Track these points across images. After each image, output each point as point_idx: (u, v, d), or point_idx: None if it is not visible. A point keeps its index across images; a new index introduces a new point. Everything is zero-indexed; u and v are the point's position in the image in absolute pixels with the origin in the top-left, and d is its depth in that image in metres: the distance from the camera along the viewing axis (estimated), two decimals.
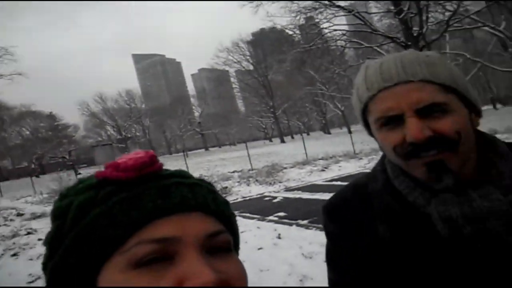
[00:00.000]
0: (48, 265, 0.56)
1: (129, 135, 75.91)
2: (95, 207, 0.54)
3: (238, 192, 12.91)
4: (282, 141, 62.51)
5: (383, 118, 0.85)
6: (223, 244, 0.56)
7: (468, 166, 0.87)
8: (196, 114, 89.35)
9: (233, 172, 19.23)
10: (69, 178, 18.52)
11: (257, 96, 70.94)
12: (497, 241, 0.80)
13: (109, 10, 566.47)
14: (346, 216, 1.00)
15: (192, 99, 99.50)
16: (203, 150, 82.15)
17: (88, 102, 77.83)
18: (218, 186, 12.98)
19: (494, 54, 51.93)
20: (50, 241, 0.56)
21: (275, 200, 10.45)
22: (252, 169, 18.72)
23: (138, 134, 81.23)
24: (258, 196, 11.73)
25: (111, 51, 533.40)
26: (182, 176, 0.61)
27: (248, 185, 14.17)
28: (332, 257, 1.04)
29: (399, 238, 0.88)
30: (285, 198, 10.43)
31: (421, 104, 0.80)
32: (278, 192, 11.87)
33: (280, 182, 13.65)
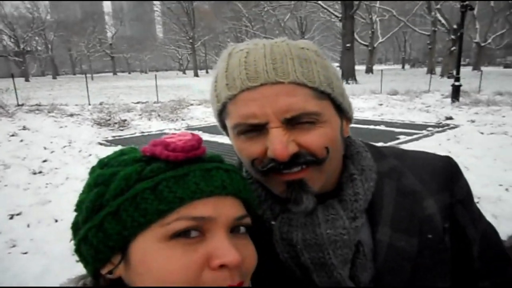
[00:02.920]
0: (84, 225, 0.61)
1: (29, 49, 67.87)
2: (141, 180, 0.59)
3: (137, 126, 12.18)
4: (196, 75, 61.06)
5: (243, 125, 0.72)
6: (245, 226, 0.65)
7: (330, 179, 0.80)
8: (109, 34, 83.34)
9: (137, 103, 18.15)
10: None
11: (178, 24, 67.24)
12: (331, 274, 0.76)
13: None
14: None
15: (106, 17, 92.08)
16: (111, 74, 77.65)
17: None
18: (116, 118, 12.12)
19: (418, 15, 55.27)
20: (89, 205, 0.60)
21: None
22: (158, 102, 17.82)
23: (39, 48, 73.22)
24: (157, 132, 11.18)
25: None
26: (220, 160, 0.67)
27: (149, 119, 13.44)
28: None
29: None
30: None
31: (290, 114, 0.69)
32: (178, 130, 11.38)
33: (183, 120, 13.17)
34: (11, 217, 5.02)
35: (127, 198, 0.58)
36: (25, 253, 4.11)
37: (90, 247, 0.61)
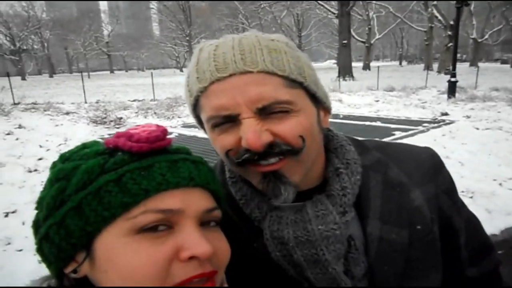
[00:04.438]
0: (44, 223, 0.58)
1: (25, 47, 67.63)
2: (104, 173, 0.57)
3: (133, 124, 12.09)
4: None
5: (216, 118, 0.71)
6: (215, 219, 0.63)
7: (313, 173, 0.79)
8: (105, 32, 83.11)
9: (134, 101, 18.11)
10: None
11: (174, 21, 66.99)
12: (326, 270, 0.76)
13: None
14: None
15: (102, 15, 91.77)
16: (108, 72, 77.58)
17: None
18: (112, 117, 12.10)
19: (414, 12, 55.39)
20: (50, 201, 0.58)
21: (169, 136, 9.95)
22: (154, 100, 17.78)
23: (35, 47, 73.01)
24: None
25: None
26: (187, 152, 0.66)
27: (145, 117, 13.41)
28: None
29: (234, 258, 0.70)
30: (180, 135, 10.01)
31: (261, 103, 0.68)
32: (175, 127, 11.38)
33: (179, 117, 13.13)
34: (6, 215, 5.02)
35: (89, 191, 0.55)
36: (20, 250, 4.11)
37: (52, 246, 0.58)
